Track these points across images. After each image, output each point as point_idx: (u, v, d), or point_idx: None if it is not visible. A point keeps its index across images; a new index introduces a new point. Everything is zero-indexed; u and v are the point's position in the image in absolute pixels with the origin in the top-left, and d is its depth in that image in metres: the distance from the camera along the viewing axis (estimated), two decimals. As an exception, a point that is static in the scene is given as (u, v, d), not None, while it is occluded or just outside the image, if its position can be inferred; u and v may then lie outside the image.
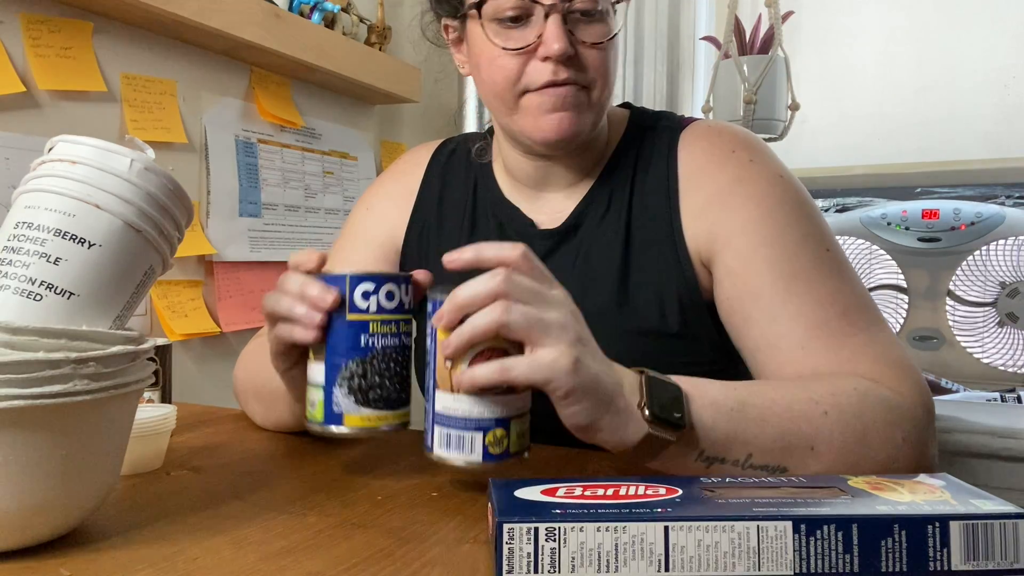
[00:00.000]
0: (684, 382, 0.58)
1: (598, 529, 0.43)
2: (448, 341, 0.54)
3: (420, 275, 0.62)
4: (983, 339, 1.84)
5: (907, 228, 1.93)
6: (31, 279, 0.48)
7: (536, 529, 0.43)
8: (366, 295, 0.59)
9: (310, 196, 1.65)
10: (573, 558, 0.42)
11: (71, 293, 0.49)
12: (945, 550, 0.42)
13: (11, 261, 0.48)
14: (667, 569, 0.42)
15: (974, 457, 1.25)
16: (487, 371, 0.53)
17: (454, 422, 0.56)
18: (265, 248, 1.52)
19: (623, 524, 0.43)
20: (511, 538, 0.43)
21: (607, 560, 0.42)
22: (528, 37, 0.73)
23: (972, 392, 1.67)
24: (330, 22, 1.63)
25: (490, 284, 0.53)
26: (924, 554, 0.42)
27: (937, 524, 0.42)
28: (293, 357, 0.63)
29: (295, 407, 0.70)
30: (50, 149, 0.52)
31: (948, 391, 1.69)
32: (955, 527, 0.42)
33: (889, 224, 1.95)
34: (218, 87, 1.44)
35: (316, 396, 0.60)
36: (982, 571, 0.43)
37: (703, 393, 0.58)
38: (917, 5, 2.14)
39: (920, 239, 1.91)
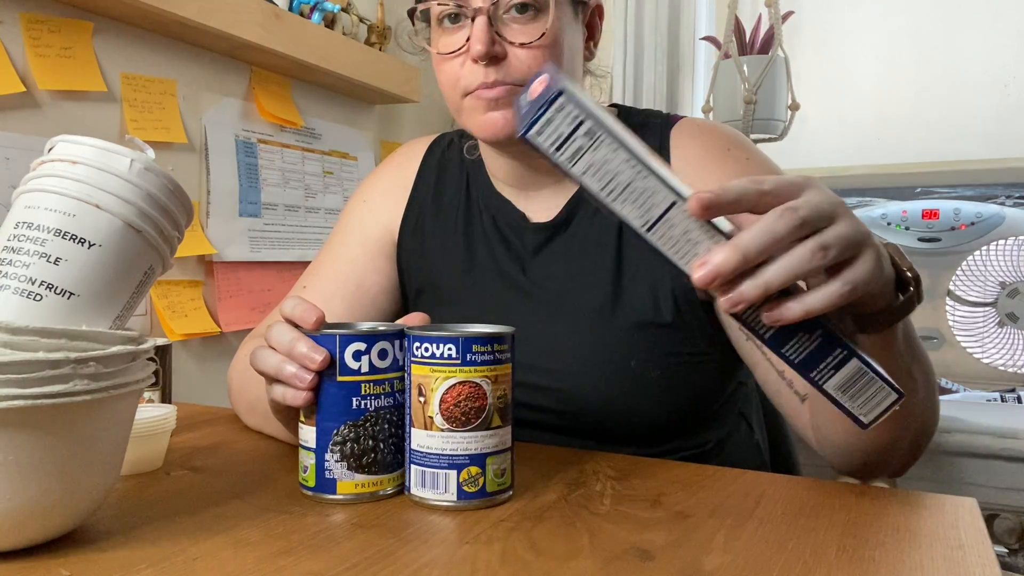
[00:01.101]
0: None
1: (627, 161, 0.46)
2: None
3: (413, 319, 0.60)
4: (983, 339, 1.84)
5: (907, 228, 1.93)
6: (31, 279, 0.48)
7: (581, 120, 0.45)
8: (357, 355, 0.56)
9: (310, 196, 1.65)
10: (590, 165, 0.46)
11: (71, 293, 0.49)
12: (834, 373, 0.48)
13: (11, 261, 0.48)
14: (648, 232, 0.47)
15: (974, 457, 1.25)
16: (831, 291, 0.46)
17: (428, 459, 0.55)
18: (265, 248, 1.52)
19: (646, 175, 0.46)
20: (557, 111, 0.45)
21: (612, 188, 0.46)
22: (461, 40, 0.74)
23: (972, 392, 1.67)
24: (330, 22, 1.63)
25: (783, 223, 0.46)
26: (818, 362, 0.48)
27: (845, 352, 0.48)
28: (293, 414, 0.61)
29: (291, 435, 0.70)
30: (50, 149, 0.52)
31: (948, 391, 1.69)
32: (853, 365, 0.48)
33: (889, 224, 1.95)
34: (218, 87, 1.44)
35: (308, 460, 0.58)
36: (838, 402, 0.49)
37: None
38: (917, 5, 2.14)
39: (920, 239, 1.91)
